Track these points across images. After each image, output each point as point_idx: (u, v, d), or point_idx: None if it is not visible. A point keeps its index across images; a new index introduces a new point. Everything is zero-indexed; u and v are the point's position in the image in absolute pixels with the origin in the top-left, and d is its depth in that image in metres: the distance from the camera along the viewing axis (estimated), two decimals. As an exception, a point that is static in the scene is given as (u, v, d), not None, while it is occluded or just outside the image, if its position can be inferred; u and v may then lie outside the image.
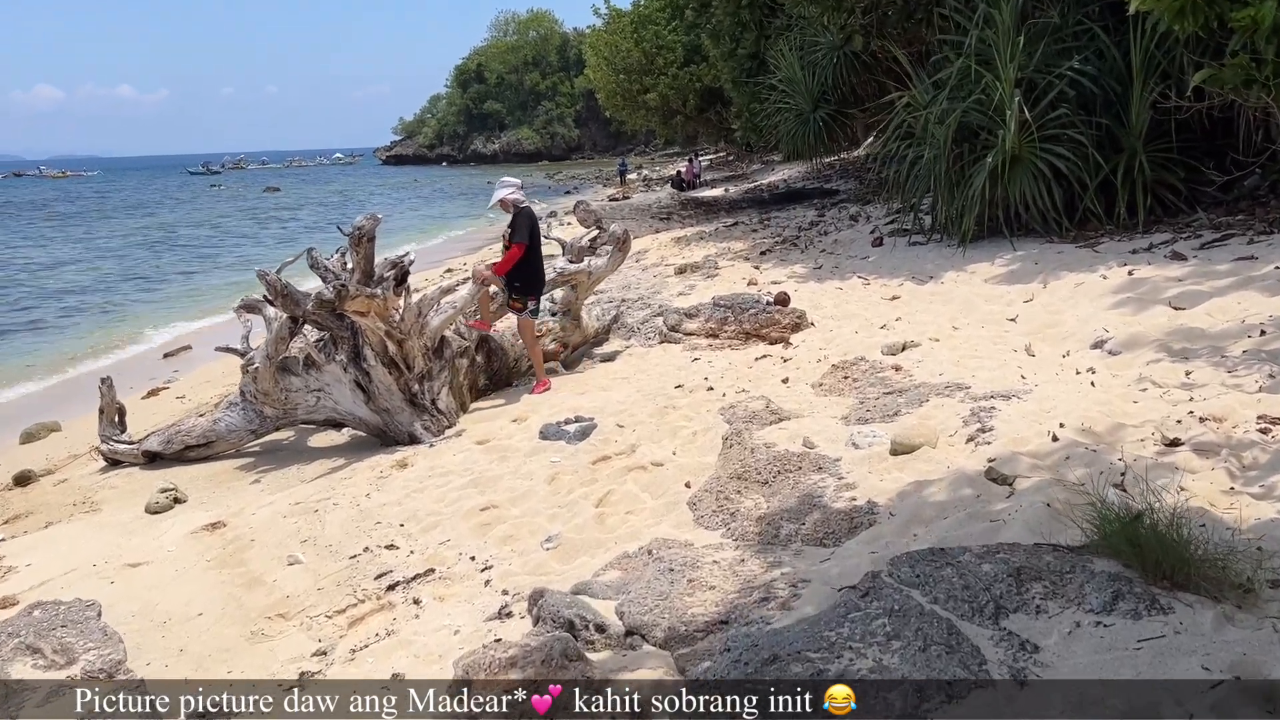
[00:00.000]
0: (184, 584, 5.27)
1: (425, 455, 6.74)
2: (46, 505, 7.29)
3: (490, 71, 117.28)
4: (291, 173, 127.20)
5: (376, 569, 4.99)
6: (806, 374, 7.09)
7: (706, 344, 8.55)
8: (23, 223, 47.98)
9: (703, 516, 4.79)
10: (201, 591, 5.13)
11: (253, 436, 7.72)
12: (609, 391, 7.60)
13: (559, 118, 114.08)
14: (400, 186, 73.30)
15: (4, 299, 21.61)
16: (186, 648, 4.47)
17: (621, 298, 11.07)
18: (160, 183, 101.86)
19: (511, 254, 7.86)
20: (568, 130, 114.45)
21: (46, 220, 49.63)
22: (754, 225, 16.14)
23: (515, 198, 8.01)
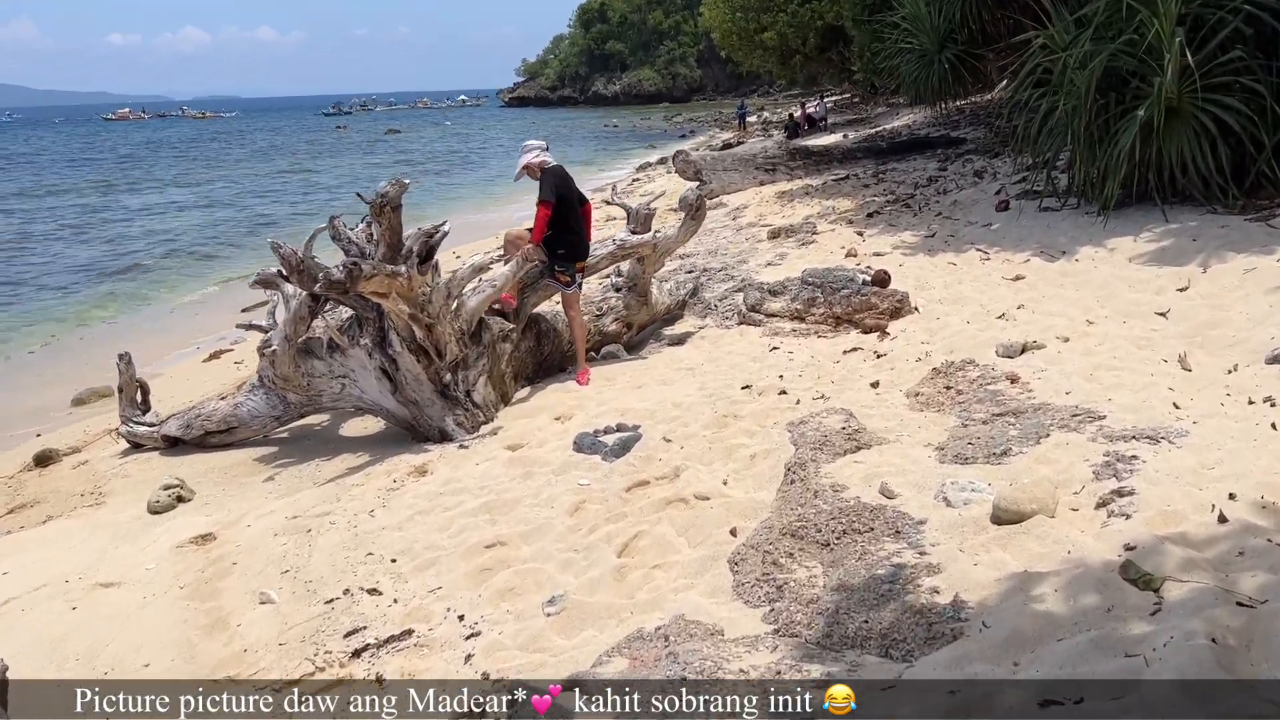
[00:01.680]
0: (145, 620, 4.55)
1: (447, 461, 5.86)
2: (55, 494, 6.74)
3: (613, 10, 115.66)
4: (415, 115, 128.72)
5: (350, 622, 4.13)
6: (901, 376, 5.90)
7: (790, 328, 7.40)
8: (155, 164, 49.34)
9: (744, 584, 3.74)
10: (159, 633, 4.40)
11: (276, 423, 6.99)
12: (669, 386, 6.56)
13: (681, 58, 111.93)
14: (517, 130, 72.93)
15: (110, 240, 21.81)
16: None
17: (704, 265, 9.95)
18: (291, 124, 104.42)
19: (540, 215, 6.85)
20: (689, 71, 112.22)
21: (175, 161, 50.97)
22: (866, 179, 14.69)
23: (540, 160, 6.97)
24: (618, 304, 7.67)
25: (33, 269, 18.42)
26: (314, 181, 35.86)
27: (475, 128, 77.88)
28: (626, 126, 66.72)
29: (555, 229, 6.96)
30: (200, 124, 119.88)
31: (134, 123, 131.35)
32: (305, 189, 32.93)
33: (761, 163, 17.66)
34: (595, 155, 43.81)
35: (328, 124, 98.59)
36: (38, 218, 26.91)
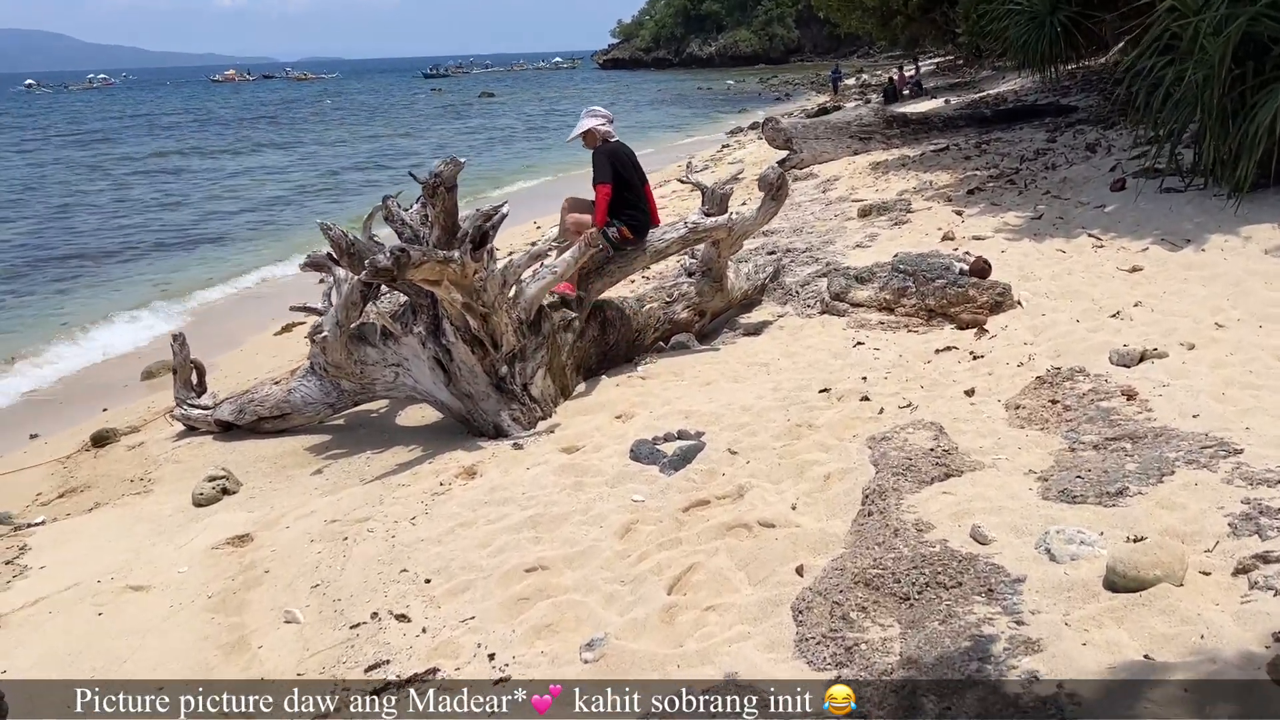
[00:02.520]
0: (167, 633, 4.27)
1: (499, 462, 5.46)
2: (106, 478, 6.58)
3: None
4: (511, 77, 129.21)
5: (373, 653, 3.77)
6: (1000, 384, 5.28)
7: (877, 320, 6.81)
8: (252, 128, 50.22)
9: (808, 639, 3.24)
10: (178, 652, 4.11)
11: (330, 410, 6.70)
12: (740, 385, 6.05)
13: (778, 18, 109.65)
14: (609, 91, 72.35)
15: (199, 205, 22.05)
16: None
17: (788, 245, 9.35)
18: (388, 86, 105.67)
19: (600, 197, 6.40)
20: (787, 31, 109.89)
21: (270, 124, 51.81)
22: (967, 150, 13.80)
23: (604, 130, 6.49)
24: (690, 290, 7.16)
25: (128, 232, 18.68)
26: (404, 147, 35.94)
27: (568, 91, 77.44)
28: (720, 89, 65.56)
29: (621, 208, 6.54)
30: (301, 85, 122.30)
31: (238, 84, 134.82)
32: (395, 155, 33.00)
33: (856, 131, 16.83)
34: (685, 120, 43.06)
35: (424, 86, 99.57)
36: (136, 181, 27.47)
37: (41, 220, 20.43)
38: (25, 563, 5.32)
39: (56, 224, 19.91)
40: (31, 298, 13.60)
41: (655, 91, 68.33)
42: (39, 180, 27.97)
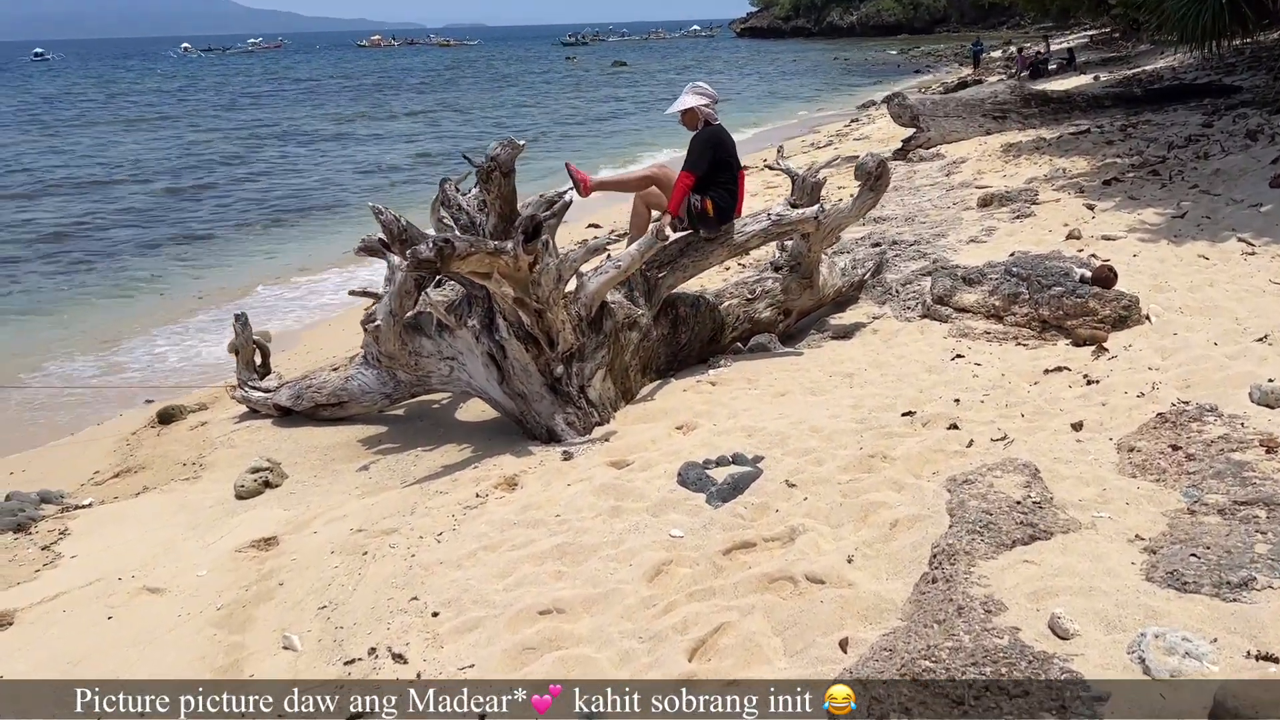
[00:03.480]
0: (167, 647, 4.03)
1: (541, 475, 5.03)
2: (161, 460, 6.45)
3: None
4: (647, 46, 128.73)
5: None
6: (1115, 417, 4.55)
7: (983, 329, 6.09)
8: (389, 93, 51.19)
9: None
10: (174, 670, 3.84)
11: (387, 400, 6.40)
12: (816, 398, 5.45)
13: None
14: (743, 60, 71.12)
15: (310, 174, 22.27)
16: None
17: (895, 236, 8.60)
18: (526, 54, 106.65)
19: (679, 185, 5.89)
20: (933, 1, 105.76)
21: (406, 90, 52.67)
22: (1110, 134, 12.63)
23: (709, 111, 5.95)
24: (774, 287, 6.55)
25: (249, 199, 19.03)
26: (530, 116, 35.90)
27: (702, 60, 76.43)
28: (858, 60, 63.58)
29: (705, 187, 6.03)
30: (443, 52, 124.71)
31: (383, 49, 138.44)
32: (518, 125, 32.98)
33: (990, 109, 15.74)
34: (817, 91, 41.82)
35: (560, 54, 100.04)
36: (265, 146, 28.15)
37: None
38: (60, 549, 5.19)
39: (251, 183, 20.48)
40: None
41: (790, 61, 66.74)
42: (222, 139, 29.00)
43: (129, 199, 18.95)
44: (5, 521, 5.51)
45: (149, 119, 37.16)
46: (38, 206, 18.45)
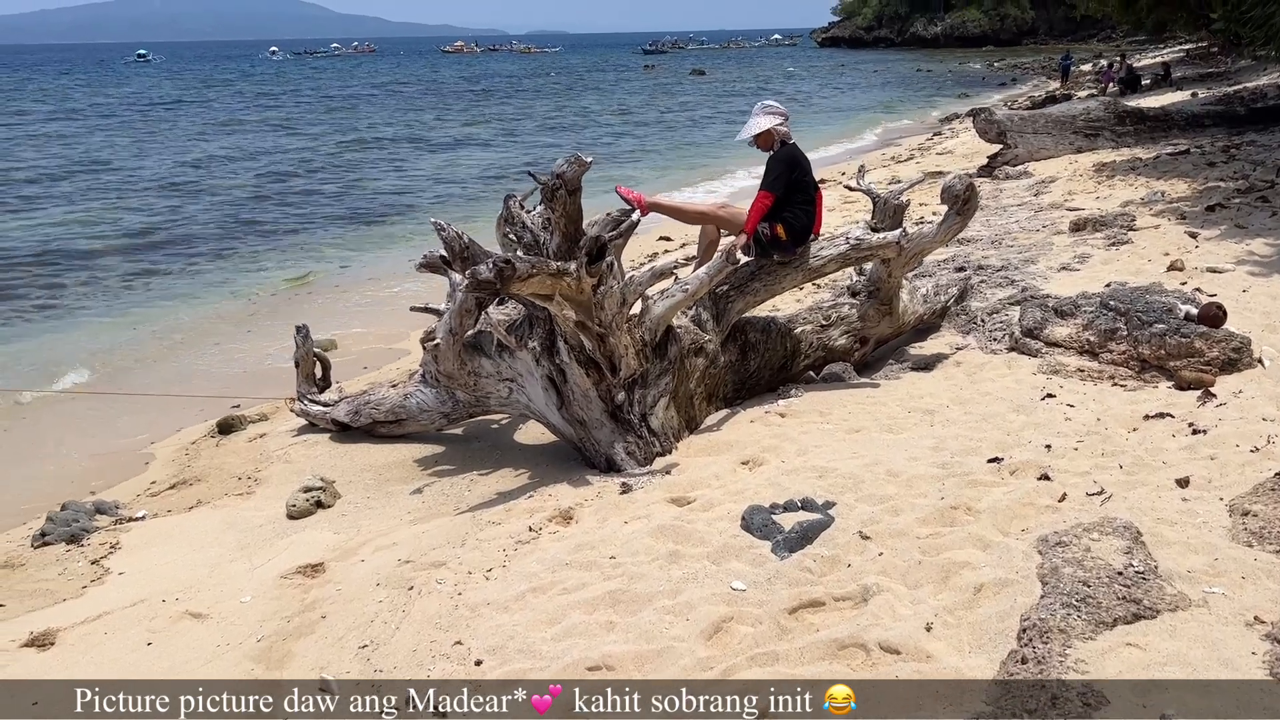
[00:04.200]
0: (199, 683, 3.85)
1: (598, 509, 4.78)
2: (218, 472, 6.36)
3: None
4: (726, 55, 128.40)
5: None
6: (1226, 473, 4.15)
7: (1076, 367, 5.68)
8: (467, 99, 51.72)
9: None
10: (202, 711, 3.67)
11: (445, 420, 6.23)
12: (894, 436, 5.11)
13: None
14: (825, 71, 70.43)
15: (385, 180, 22.40)
16: None
17: (981, 259, 8.19)
18: (605, 61, 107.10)
19: (759, 206, 5.62)
20: (1021, 11, 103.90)
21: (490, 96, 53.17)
22: (1212, 155, 11.99)
23: (784, 130, 5.67)
24: (850, 313, 6.22)
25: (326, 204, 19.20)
26: (607, 125, 35.85)
27: (782, 69, 75.88)
28: (941, 71, 62.40)
29: (777, 211, 5.75)
30: (524, 58, 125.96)
31: (465, 55, 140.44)
32: (597, 133, 32.95)
33: (1081, 126, 15.13)
34: (897, 101, 41.09)
35: (638, 62, 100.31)
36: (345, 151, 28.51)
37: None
38: (110, 565, 5.11)
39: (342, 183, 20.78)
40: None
41: (871, 72, 65.82)
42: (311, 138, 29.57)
43: (209, 200, 19.26)
44: (60, 532, 5.45)
45: (233, 122, 37.98)
46: (124, 205, 18.85)
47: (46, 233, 16.04)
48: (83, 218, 17.32)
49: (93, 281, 12.87)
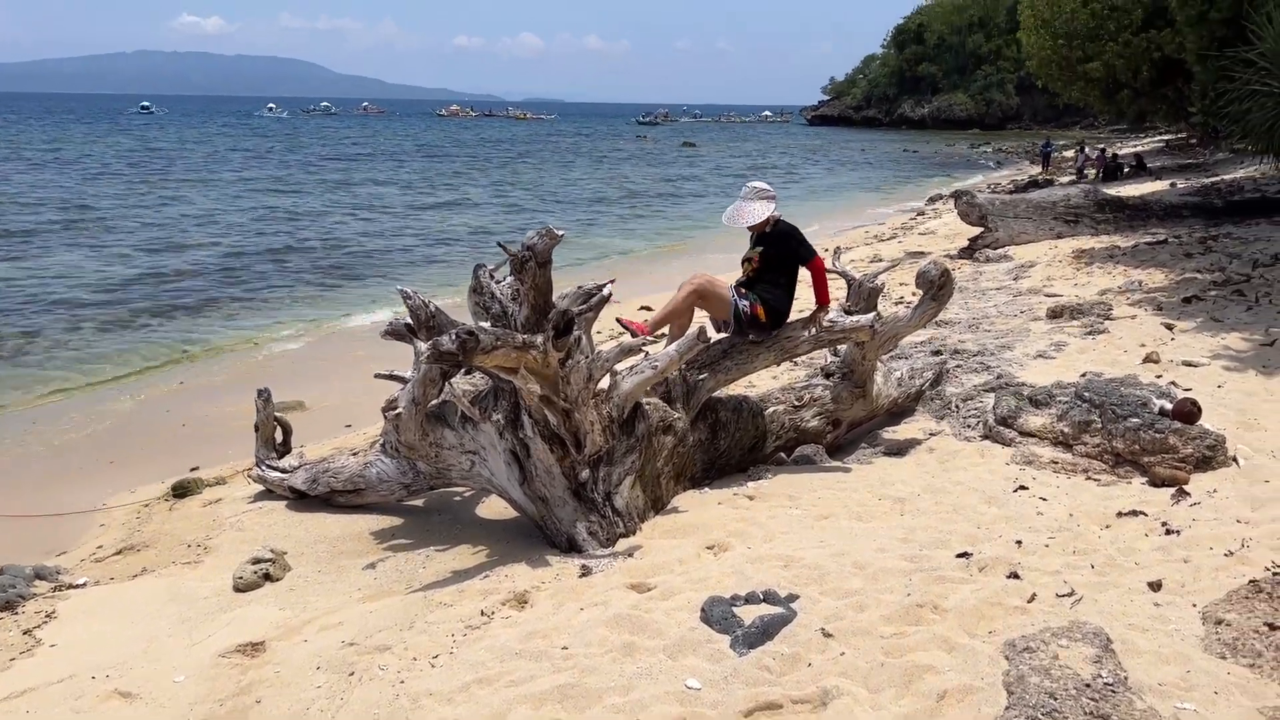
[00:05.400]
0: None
1: (555, 593, 4.60)
2: (167, 538, 6.14)
3: (931, 32, 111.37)
4: (718, 128, 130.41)
5: None
6: (1199, 577, 4.04)
7: (1049, 458, 5.59)
8: (458, 161, 52.16)
9: None
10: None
11: (406, 491, 6.06)
12: (863, 525, 4.98)
13: (998, 83, 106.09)
14: (814, 148, 71.48)
15: (365, 241, 22.36)
16: None
17: (957, 344, 8.14)
18: (600, 130, 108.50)
19: (822, 276, 5.77)
20: (1006, 98, 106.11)
21: (482, 160, 53.63)
22: (1189, 246, 12.09)
23: (778, 214, 5.69)
24: (824, 395, 6.13)
25: (305, 262, 19.13)
26: (597, 192, 36.14)
27: (772, 145, 77.04)
28: (928, 152, 63.48)
29: (781, 288, 5.73)
30: (519, 124, 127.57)
31: (461, 119, 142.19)
32: (586, 199, 33.18)
33: (1062, 212, 15.29)
34: (883, 181, 41.61)
35: (631, 131, 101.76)
36: (329, 211, 28.56)
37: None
38: (42, 635, 4.87)
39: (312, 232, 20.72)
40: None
41: (859, 150, 66.88)
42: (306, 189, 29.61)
43: (192, 255, 19.17)
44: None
45: (219, 177, 38.12)
46: (99, 256, 18.74)
47: (23, 281, 15.91)
48: (61, 270, 17.18)
49: (65, 331, 12.70)
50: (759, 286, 5.85)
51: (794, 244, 5.81)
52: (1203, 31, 19.17)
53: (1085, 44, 28.87)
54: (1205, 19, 18.65)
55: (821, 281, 5.70)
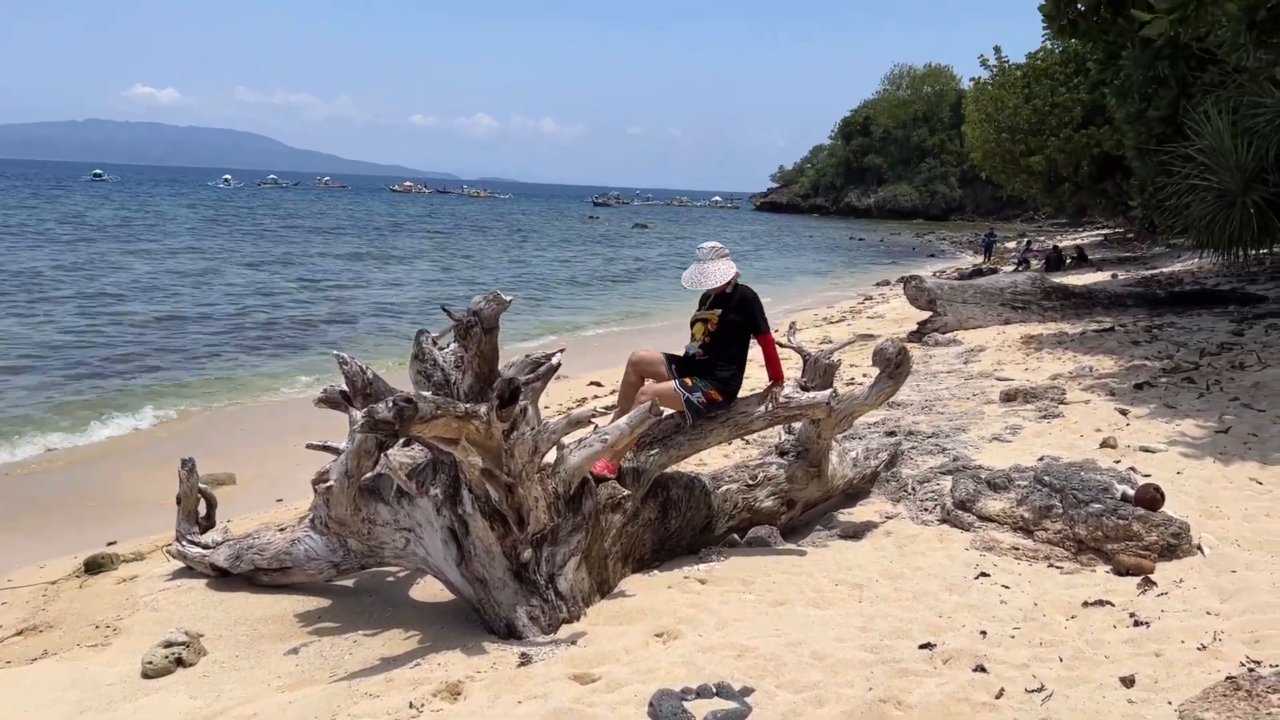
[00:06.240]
0: None
1: (490, 684, 4.26)
2: (74, 618, 5.70)
3: (877, 125, 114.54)
4: (670, 211, 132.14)
5: None
6: (1173, 673, 3.83)
7: (1010, 544, 5.40)
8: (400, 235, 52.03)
9: None
10: None
11: (334, 571, 5.70)
12: (820, 612, 4.72)
13: (941, 176, 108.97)
14: (763, 233, 72.56)
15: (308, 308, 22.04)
16: None
17: (912, 425, 8.01)
18: (552, 210, 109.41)
19: (773, 353, 5.56)
20: (949, 190, 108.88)
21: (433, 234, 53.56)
22: (1135, 334, 12.20)
23: (737, 272, 5.57)
24: (778, 474, 5.91)
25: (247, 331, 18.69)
26: (547, 268, 36.15)
27: (723, 229, 78.12)
28: (874, 240, 64.75)
29: (737, 358, 5.53)
30: (474, 202, 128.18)
31: (415, 195, 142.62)
32: (536, 275, 33.13)
33: (1009, 299, 15.43)
34: (831, 266, 42.20)
35: (582, 211, 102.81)
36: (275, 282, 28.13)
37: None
38: (-85, 729, 4.40)
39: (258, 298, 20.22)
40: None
41: (807, 236, 68.02)
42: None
43: (130, 320, 18.64)
44: (-126, 683, 4.74)
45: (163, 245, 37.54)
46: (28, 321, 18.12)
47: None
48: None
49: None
50: (713, 366, 5.63)
51: (754, 311, 5.65)
52: (1140, 129, 19.84)
53: (1028, 138, 29.83)
54: (1143, 116, 19.31)
55: (773, 356, 5.53)
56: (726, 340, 5.60)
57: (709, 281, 5.64)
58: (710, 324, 5.64)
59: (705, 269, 5.65)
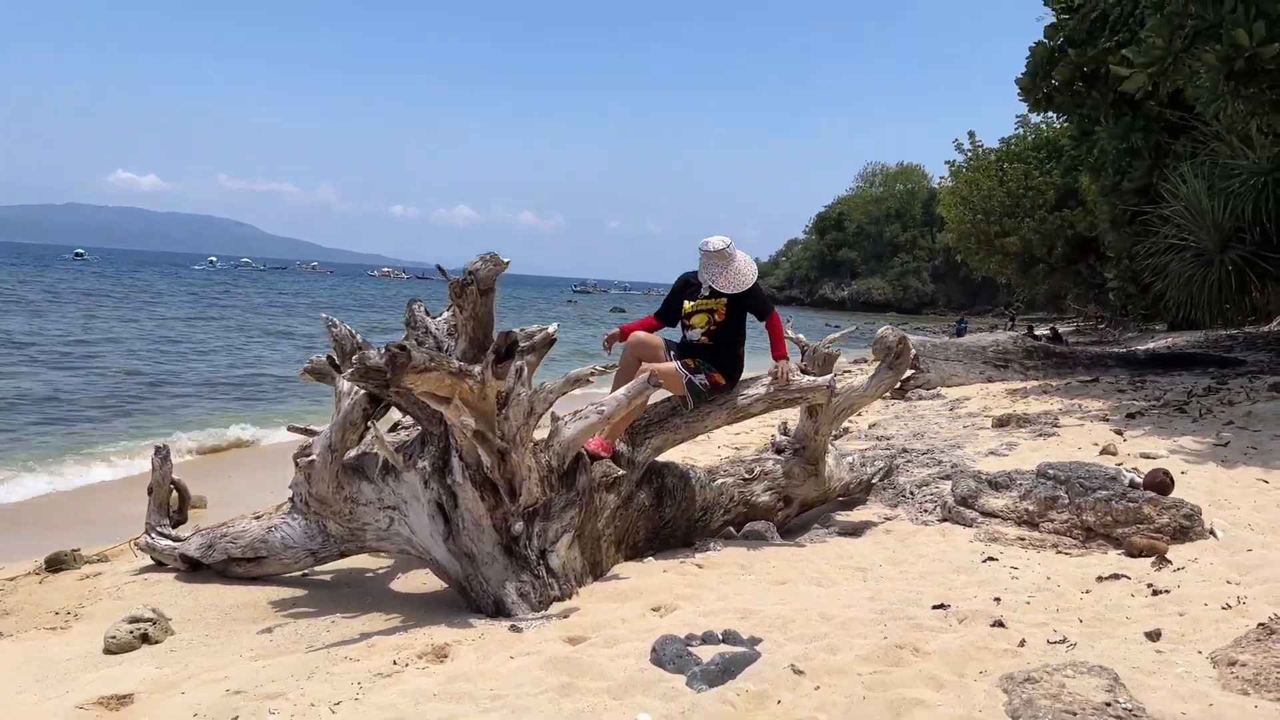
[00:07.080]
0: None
1: (480, 646, 4.02)
2: (34, 607, 5.36)
3: (850, 220, 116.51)
4: (647, 300, 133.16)
5: None
6: (1199, 628, 3.65)
7: (1015, 535, 5.23)
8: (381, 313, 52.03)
9: None
10: None
11: (312, 559, 5.42)
12: (824, 589, 4.52)
13: (914, 270, 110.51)
14: (739, 320, 72.95)
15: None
16: None
17: (904, 445, 7.87)
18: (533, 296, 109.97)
19: (780, 332, 5.61)
20: (922, 284, 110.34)
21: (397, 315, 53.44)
22: (1121, 385, 12.19)
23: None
24: (775, 469, 5.74)
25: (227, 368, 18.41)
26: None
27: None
28: (848, 327, 65.11)
29: (737, 345, 5.48)
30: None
31: (393, 280, 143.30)
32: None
33: (991, 356, 15.44)
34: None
35: (562, 298, 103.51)
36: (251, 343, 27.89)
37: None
38: None
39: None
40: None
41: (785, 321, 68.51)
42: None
43: (102, 373, 18.32)
44: None
45: (148, 312, 37.28)
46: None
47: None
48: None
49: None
50: (717, 352, 5.53)
51: (763, 298, 5.61)
52: (1115, 200, 20.23)
53: (1002, 219, 30.34)
54: (1118, 189, 19.71)
55: (780, 336, 5.43)
56: (733, 327, 5.52)
57: (747, 280, 5.55)
58: (717, 313, 5.53)
59: (738, 269, 5.53)
